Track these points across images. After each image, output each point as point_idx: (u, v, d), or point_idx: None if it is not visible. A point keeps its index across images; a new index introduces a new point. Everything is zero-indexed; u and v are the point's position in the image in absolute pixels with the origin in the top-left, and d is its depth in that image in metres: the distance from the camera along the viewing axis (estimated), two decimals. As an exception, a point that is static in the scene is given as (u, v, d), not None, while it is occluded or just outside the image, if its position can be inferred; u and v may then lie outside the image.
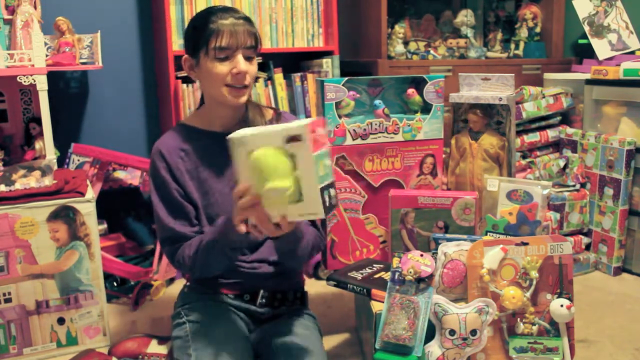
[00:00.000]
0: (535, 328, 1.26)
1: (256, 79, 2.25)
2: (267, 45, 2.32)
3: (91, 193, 1.71)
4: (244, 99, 1.38)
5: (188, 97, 2.17)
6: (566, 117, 2.43)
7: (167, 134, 1.46)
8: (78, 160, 2.17)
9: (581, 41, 2.53)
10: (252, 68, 1.37)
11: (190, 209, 1.41)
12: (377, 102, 1.64)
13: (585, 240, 2.26)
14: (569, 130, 2.34)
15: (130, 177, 2.29)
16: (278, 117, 1.48)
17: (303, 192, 1.13)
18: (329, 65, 2.33)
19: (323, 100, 1.59)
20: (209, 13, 1.35)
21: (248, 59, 1.36)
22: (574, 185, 2.27)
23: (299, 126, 1.11)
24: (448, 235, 1.41)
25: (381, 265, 1.54)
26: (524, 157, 2.29)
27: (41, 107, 1.91)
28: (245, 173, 1.17)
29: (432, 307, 1.25)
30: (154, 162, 1.41)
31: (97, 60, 2.10)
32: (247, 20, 1.36)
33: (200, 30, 1.34)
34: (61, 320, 1.69)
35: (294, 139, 1.11)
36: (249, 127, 1.19)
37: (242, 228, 1.20)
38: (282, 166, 1.12)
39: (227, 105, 1.39)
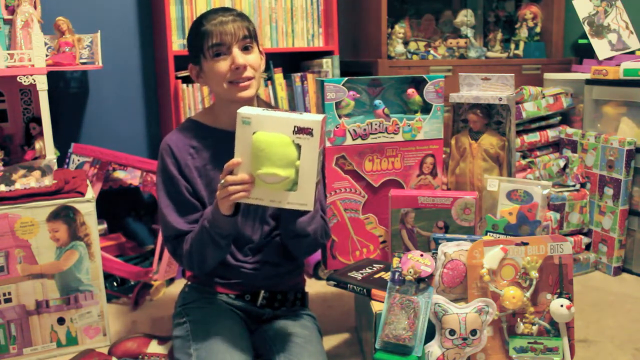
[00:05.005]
0: (535, 328, 1.26)
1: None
2: (267, 45, 2.32)
3: (91, 193, 1.71)
4: (250, 92, 1.37)
5: (188, 97, 2.17)
6: (566, 117, 2.43)
7: (176, 130, 1.45)
8: (78, 160, 2.17)
9: (581, 41, 2.53)
10: (251, 58, 1.36)
11: (198, 205, 1.41)
12: (377, 102, 1.64)
13: (585, 240, 2.26)
14: (569, 130, 2.34)
15: (130, 177, 2.29)
16: None
17: (299, 183, 1.17)
18: (329, 65, 2.33)
19: (323, 100, 1.59)
20: (201, 18, 1.38)
21: (246, 49, 1.36)
22: (574, 185, 2.27)
23: (314, 121, 1.13)
24: (448, 235, 1.41)
25: (381, 265, 1.54)
26: (524, 157, 2.29)
27: (41, 107, 1.91)
28: (243, 150, 1.18)
29: (432, 307, 1.25)
30: (162, 158, 1.41)
31: (97, 60, 2.10)
32: (238, 15, 1.37)
33: (195, 37, 1.37)
34: (61, 320, 1.69)
35: (303, 130, 1.13)
36: (260, 107, 1.20)
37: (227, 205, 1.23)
38: (288, 155, 1.15)
39: (236, 102, 1.37)
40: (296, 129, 1.14)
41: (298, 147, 1.15)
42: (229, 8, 1.41)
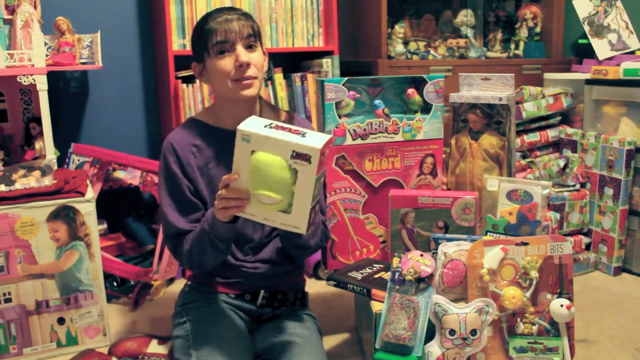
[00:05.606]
0: (535, 328, 1.26)
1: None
2: (267, 45, 2.32)
3: (91, 193, 1.71)
4: (253, 91, 1.37)
5: (188, 97, 2.17)
6: (566, 117, 2.43)
7: (178, 129, 1.45)
8: (78, 160, 2.17)
9: (581, 41, 2.53)
10: (255, 56, 1.36)
11: (199, 205, 1.41)
12: (377, 102, 1.64)
13: (585, 240, 2.26)
14: (569, 130, 2.34)
15: (130, 177, 2.29)
16: (290, 119, 1.49)
17: (293, 206, 1.16)
18: (329, 65, 2.33)
19: (323, 100, 1.59)
20: (206, 16, 1.38)
21: (250, 47, 1.36)
22: (574, 185, 2.27)
23: (312, 148, 1.11)
24: (448, 235, 1.41)
25: (381, 265, 1.54)
26: (524, 157, 2.29)
27: (41, 107, 1.91)
28: (241, 167, 1.17)
29: (432, 307, 1.25)
30: (165, 156, 1.41)
31: (97, 60, 2.10)
32: (243, 14, 1.37)
33: (199, 35, 1.38)
34: (61, 320, 1.69)
35: (301, 156, 1.12)
36: (262, 120, 1.19)
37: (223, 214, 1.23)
38: (284, 180, 1.14)
39: (239, 101, 1.38)
40: (294, 154, 1.12)
41: (295, 171, 1.13)
42: (234, 8, 1.42)
